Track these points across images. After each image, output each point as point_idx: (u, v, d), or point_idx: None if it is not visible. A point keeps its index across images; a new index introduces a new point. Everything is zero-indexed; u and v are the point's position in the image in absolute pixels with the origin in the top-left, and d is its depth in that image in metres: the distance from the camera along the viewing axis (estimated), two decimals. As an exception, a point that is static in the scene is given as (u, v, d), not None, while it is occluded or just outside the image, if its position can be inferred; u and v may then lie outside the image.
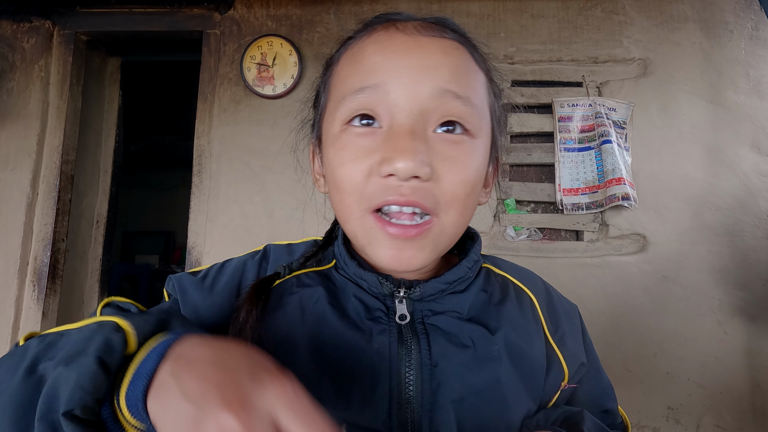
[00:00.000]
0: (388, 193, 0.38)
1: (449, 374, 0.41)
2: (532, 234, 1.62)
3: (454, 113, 0.40)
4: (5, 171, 1.70)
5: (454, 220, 0.41)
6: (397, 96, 0.39)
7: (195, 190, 1.69)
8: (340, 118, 0.41)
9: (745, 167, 1.60)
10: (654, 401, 1.51)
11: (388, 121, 0.39)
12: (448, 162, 0.39)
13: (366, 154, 0.39)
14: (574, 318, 0.52)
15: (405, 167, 0.36)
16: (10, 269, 1.65)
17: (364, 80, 0.40)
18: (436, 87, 0.39)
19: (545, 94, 1.66)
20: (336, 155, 0.41)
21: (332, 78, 0.46)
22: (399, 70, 0.39)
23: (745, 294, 1.53)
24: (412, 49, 0.40)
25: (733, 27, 1.68)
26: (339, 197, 0.42)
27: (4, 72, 1.74)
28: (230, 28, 1.76)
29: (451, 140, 0.40)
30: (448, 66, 0.40)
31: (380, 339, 0.42)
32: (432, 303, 0.45)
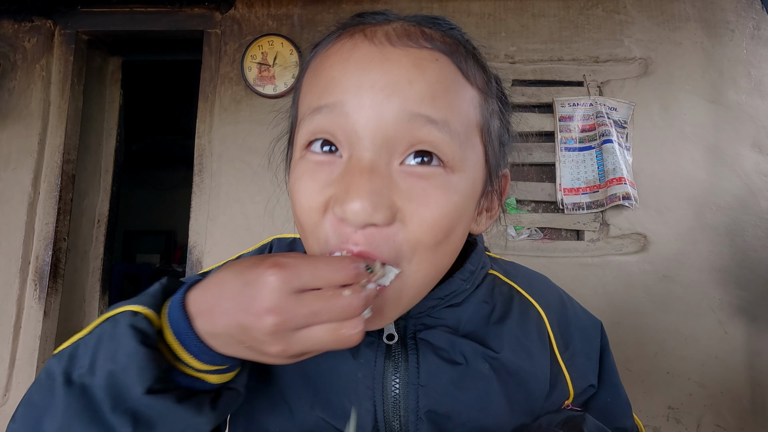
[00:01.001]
0: (341, 241, 0.33)
1: (437, 394, 0.39)
2: (533, 233, 1.62)
3: (427, 141, 0.33)
4: (7, 170, 1.70)
5: (419, 269, 0.34)
6: (357, 119, 0.32)
7: (196, 189, 1.70)
8: (299, 141, 0.36)
9: (746, 167, 1.60)
10: (654, 401, 1.51)
11: (348, 149, 0.33)
12: (415, 203, 0.32)
13: (321, 188, 0.33)
14: (592, 335, 0.47)
15: (356, 214, 0.31)
16: (11, 268, 1.65)
17: (320, 98, 0.34)
18: (404, 110, 0.32)
19: (546, 94, 1.66)
20: (293, 186, 0.36)
21: (300, 91, 0.39)
22: (359, 89, 0.33)
23: (745, 294, 1.53)
24: (376, 63, 0.33)
25: (734, 26, 1.68)
26: (300, 229, 0.37)
27: (6, 71, 1.74)
28: (231, 27, 1.76)
29: (421, 175, 0.33)
30: (422, 83, 0.33)
31: (367, 353, 0.40)
32: (425, 317, 0.42)
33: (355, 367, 0.40)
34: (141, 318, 0.31)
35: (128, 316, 0.31)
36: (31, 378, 1.60)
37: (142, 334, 0.30)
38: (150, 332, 0.31)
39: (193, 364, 0.31)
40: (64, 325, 1.77)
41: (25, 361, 1.62)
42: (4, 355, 1.61)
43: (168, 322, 0.32)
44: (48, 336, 1.66)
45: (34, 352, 1.62)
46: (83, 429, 0.29)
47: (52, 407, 0.30)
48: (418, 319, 0.42)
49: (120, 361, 0.30)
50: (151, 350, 0.30)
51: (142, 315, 0.31)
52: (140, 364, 0.29)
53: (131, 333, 0.30)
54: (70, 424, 0.29)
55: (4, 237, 1.67)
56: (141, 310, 0.32)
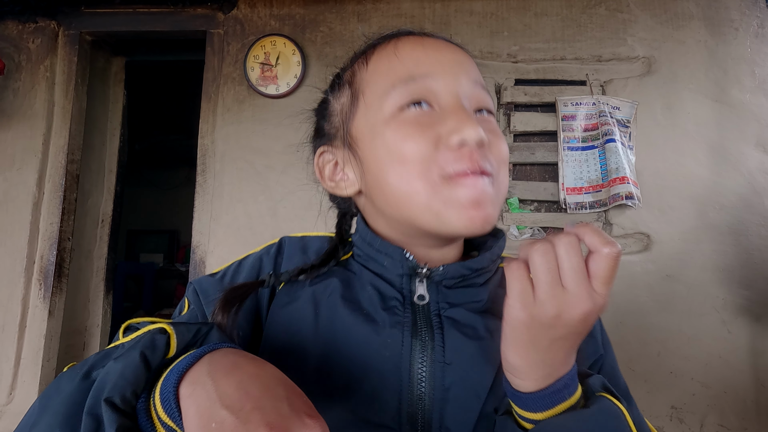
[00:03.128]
0: (462, 162, 0.40)
1: (463, 371, 0.40)
2: (536, 233, 1.61)
3: (484, 102, 0.45)
4: (11, 170, 1.71)
5: (504, 179, 0.44)
6: (444, 83, 0.43)
7: (199, 189, 1.70)
8: (390, 105, 0.43)
9: (750, 166, 1.59)
10: (658, 400, 1.51)
11: (439, 103, 0.43)
12: (491, 133, 0.43)
13: (428, 127, 0.41)
14: None
15: (475, 134, 0.39)
16: (16, 268, 1.66)
17: (411, 71, 0.43)
18: (470, 79, 0.44)
19: (549, 93, 1.66)
20: (396, 132, 0.42)
21: (363, 79, 0.47)
22: (441, 63, 0.44)
23: (749, 293, 1.53)
24: (444, 48, 0.45)
25: (738, 24, 1.67)
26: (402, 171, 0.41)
27: (10, 72, 1.75)
28: (234, 27, 1.77)
29: (487, 118, 0.45)
30: (472, 64, 0.46)
31: (393, 333, 0.42)
32: (449, 294, 0.44)
33: (381, 347, 0.41)
34: (162, 338, 0.33)
35: (157, 331, 0.33)
36: (36, 376, 1.62)
37: (151, 348, 0.32)
38: (157, 352, 0.32)
39: (158, 408, 0.30)
40: (68, 324, 1.79)
41: (30, 360, 1.63)
42: (10, 353, 1.62)
43: (174, 365, 0.32)
44: (53, 335, 1.67)
45: (39, 351, 1.63)
46: (65, 418, 0.30)
47: (64, 389, 0.32)
48: (444, 295, 0.44)
49: (120, 361, 0.31)
50: (142, 367, 0.30)
51: (166, 336, 0.33)
52: (124, 371, 0.30)
53: (144, 344, 0.31)
54: (61, 410, 0.30)
55: (9, 237, 1.68)
56: (170, 331, 0.33)
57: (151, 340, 0.32)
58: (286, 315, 0.44)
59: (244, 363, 0.30)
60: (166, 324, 0.34)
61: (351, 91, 0.48)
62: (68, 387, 0.31)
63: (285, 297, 0.45)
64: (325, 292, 0.45)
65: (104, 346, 2.01)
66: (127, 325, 0.46)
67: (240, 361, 0.30)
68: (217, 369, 0.29)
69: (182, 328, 0.34)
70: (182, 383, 0.30)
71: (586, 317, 0.33)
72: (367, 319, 0.42)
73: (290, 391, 0.29)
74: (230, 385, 0.28)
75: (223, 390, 0.27)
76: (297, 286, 0.46)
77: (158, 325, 0.35)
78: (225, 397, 0.27)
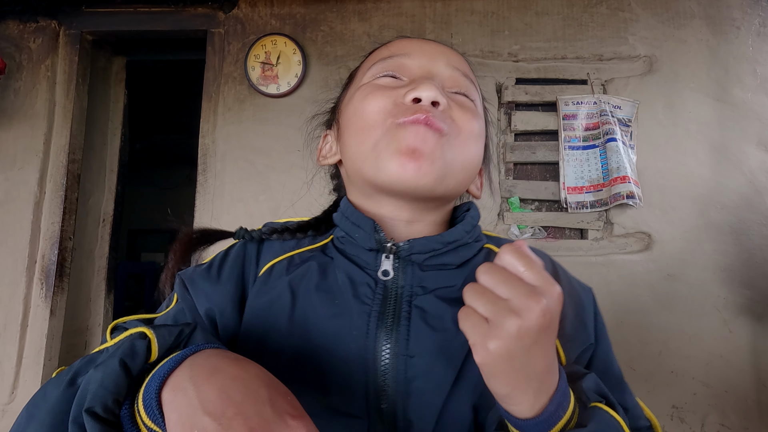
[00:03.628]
0: (412, 112, 0.42)
1: (425, 365, 0.40)
2: (537, 232, 1.61)
3: (463, 86, 0.48)
4: (13, 170, 1.72)
5: (463, 144, 0.45)
6: (419, 61, 0.47)
7: (200, 189, 1.70)
8: (368, 76, 0.48)
9: (751, 165, 1.59)
10: (659, 400, 1.51)
11: (410, 76, 0.46)
12: (459, 105, 0.45)
13: (391, 89, 0.45)
14: (583, 301, 0.50)
15: (428, 93, 0.42)
16: (18, 267, 1.67)
17: (392, 53, 0.48)
18: (449, 64, 0.48)
19: (550, 92, 1.66)
20: (362, 93, 0.47)
21: (358, 70, 0.53)
22: (422, 48, 0.48)
23: (750, 293, 1.53)
24: (431, 43, 0.50)
25: (740, 23, 1.67)
26: (361, 123, 0.45)
27: (11, 72, 1.75)
28: (234, 27, 1.77)
29: (462, 98, 0.47)
30: (457, 57, 0.50)
31: (359, 322, 0.41)
32: (424, 277, 0.44)
33: (348, 337, 0.41)
34: (142, 343, 0.32)
35: (137, 336, 0.33)
36: (38, 376, 1.62)
37: (131, 355, 0.31)
38: (137, 359, 0.31)
39: (142, 414, 0.30)
40: (70, 324, 1.79)
41: (32, 359, 1.63)
42: (12, 353, 1.62)
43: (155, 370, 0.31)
44: (54, 334, 1.68)
45: (40, 351, 1.63)
46: (51, 427, 0.30)
47: (50, 397, 0.31)
48: (419, 278, 0.44)
49: (100, 369, 0.30)
50: (123, 375, 0.30)
51: (146, 341, 0.32)
52: (104, 381, 0.29)
53: (124, 351, 0.31)
54: (47, 419, 0.30)
55: (11, 236, 1.68)
56: (151, 336, 0.33)
57: (131, 347, 0.31)
58: (263, 305, 0.44)
59: (226, 365, 0.30)
60: (146, 328, 0.33)
61: (347, 83, 0.54)
62: (54, 395, 0.31)
63: (262, 287, 0.46)
64: (301, 282, 0.45)
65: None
66: (114, 325, 0.45)
67: (221, 363, 0.30)
68: (198, 373, 0.29)
69: (164, 331, 0.33)
70: (164, 389, 0.29)
71: (543, 313, 0.32)
72: (337, 309, 0.42)
73: (273, 391, 0.29)
74: (212, 390, 0.27)
75: (205, 395, 0.27)
76: (274, 275, 0.46)
77: (139, 329, 0.34)
78: (207, 402, 0.27)
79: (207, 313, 0.45)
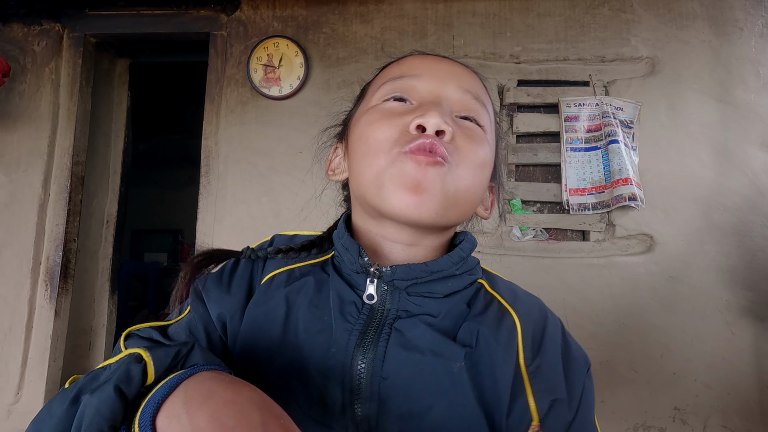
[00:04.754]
0: (414, 138, 0.42)
1: (398, 388, 0.40)
2: (538, 234, 1.61)
3: (473, 109, 0.47)
4: (17, 172, 1.73)
5: (466, 175, 0.44)
6: (429, 84, 0.47)
7: (203, 190, 1.71)
8: (376, 97, 0.49)
9: (754, 166, 1.59)
10: (661, 401, 1.51)
11: (418, 100, 0.46)
12: (466, 134, 0.45)
13: (398, 115, 0.45)
14: (574, 363, 0.47)
15: (434, 121, 0.42)
16: (23, 269, 1.68)
17: (403, 73, 0.48)
18: (460, 86, 0.47)
19: (551, 94, 1.66)
20: (368, 118, 0.47)
21: (369, 87, 0.53)
22: (432, 69, 0.48)
23: (753, 294, 1.52)
24: (443, 61, 0.50)
25: (743, 24, 1.66)
26: (365, 148, 0.45)
27: (16, 74, 1.76)
28: (237, 29, 1.77)
29: (469, 125, 0.47)
30: (469, 77, 0.49)
31: (339, 341, 0.42)
32: (409, 302, 0.44)
33: (328, 354, 0.42)
34: (138, 368, 0.32)
35: (133, 359, 0.32)
36: (42, 376, 1.63)
37: (126, 380, 0.31)
38: (132, 385, 0.31)
39: None
40: (74, 325, 1.80)
41: (37, 360, 1.64)
42: (17, 354, 1.64)
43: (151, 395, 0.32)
44: (59, 335, 1.69)
45: (45, 351, 1.65)
46: None
47: (54, 414, 0.31)
48: (403, 302, 0.44)
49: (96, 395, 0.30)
50: (118, 401, 0.30)
51: (142, 364, 0.32)
52: (99, 408, 0.29)
53: (119, 377, 0.31)
54: None
55: (16, 238, 1.70)
56: (147, 359, 0.32)
57: (126, 372, 0.31)
58: (260, 314, 0.45)
59: (220, 389, 0.30)
60: (143, 350, 0.33)
61: (359, 99, 0.55)
62: (58, 411, 0.31)
63: (261, 296, 0.47)
64: (297, 295, 0.46)
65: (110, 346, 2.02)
66: (128, 332, 0.46)
67: (215, 387, 0.30)
68: (191, 398, 0.29)
69: (160, 352, 0.33)
70: (159, 415, 0.30)
71: None
72: (323, 326, 0.43)
73: (266, 414, 0.29)
74: (204, 417, 0.28)
75: (197, 423, 0.28)
76: (274, 286, 0.47)
77: (136, 351, 0.34)
78: (199, 430, 0.27)
79: (218, 317, 0.47)
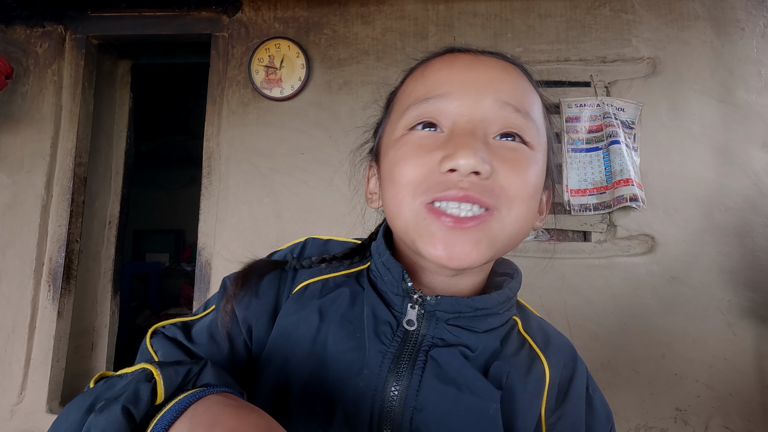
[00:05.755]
0: (447, 186, 0.38)
1: (431, 422, 0.38)
2: (540, 235, 1.61)
3: (514, 125, 0.41)
4: (20, 174, 1.74)
5: (516, 217, 0.40)
6: (460, 104, 0.41)
7: (204, 191, 1.72)
8: (402, 124, 0.43)
9: (756, 167, 1.58)
10: (662, 402, 1.51)
11: (449, 126, 0.41)
12: (508, 163, 0.39)
13: (427, 152, 0.40)
14: (595, 417, 0.46)
15: (466, 162, 0.37)
16: (26, 270, 1.69)
17: (430, 91, 0.42)
18: (498, 99, 0.41)
19: (553, 95, 1.66)
20: (396, 154, 0.42)
21: (396, 98, 0.48)
22: (464, 82, 0.41)
23: (755, 295, 1.52)
24: (475, 65, 0.42)
25: (744, 25, 1.66)
26: (394, 192, 0.41)
27: (19, 76, 1.77)
28: (238, 30, 1.78)
29: (511, 147, 0.41)
30: (509, 82, 0.42)
31: (372, 363, 0.40)
32: (447, 330, 0.42)
33: (359, 376, 0.40)
34: (147, 387, 0.31)
35: (144, 377, 0.32)
36: (45, 377, 1.64)
37: (135, 401, 0.31)
38: (140, 406, 0.31)
39: None
40: (77, 325, 1.81)
41: (40, 360, 1.65)
42: (20, 354, 1.64)
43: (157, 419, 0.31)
44: (62, 336, 1.70)
45: (48, 352, 1.65)
46: None
47: (71, 421, 0.31)
48: (441, 330, 0.42)
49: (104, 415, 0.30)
50: (125, 423, 0.30)
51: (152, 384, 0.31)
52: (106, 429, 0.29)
53: (127, 397, 0.31)
54: None
55: (19, 239, 1.70)
56: (158, 378, 0.32)
57: (135, 392, 0.31)
58: (292, 322, 0.44)
59: (226, 417, 0.29)
60: (154, 368, 0.32)
61: (387, 110, 0.50)
62: (74, 418, 0.31)
63: (293, 305, 0.46)
64: (330, 307, 0.44)
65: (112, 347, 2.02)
66: (154, 329, 0.46)
67: (221, 414, 0.30)
68: (197, 425, 0.29)
69: (170, 371, 0.32)
70: None
71: None
72: (355, 343, 0.42)
73: None
74: None
75: None
76: (307, 296, 0.46)
77: (147, 366, 0.33)
78: None
79: (244, 320, 0.46)
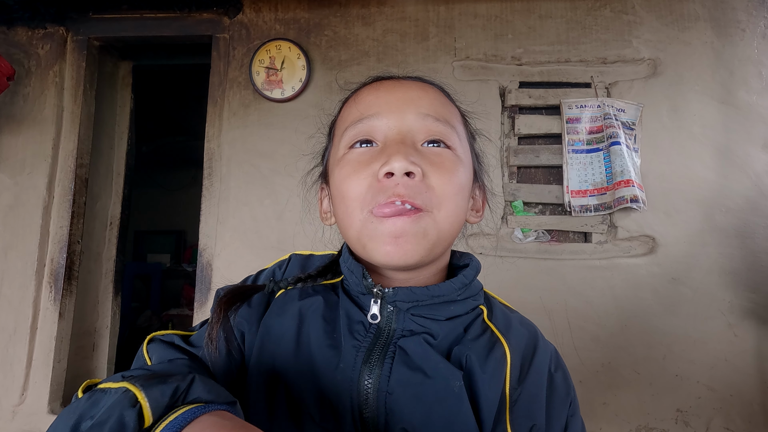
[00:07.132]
0: (386, 193, 0.43)
1: (402, 404, 0.42)
2: (540, 236, 1.62)
3: (436, 132, 0.47)
4: (22, 175, 1.74)
5: (446, 216, 0.45)
6: (388, 120, 0.47)
7: (206, 192, 1.72)
8: (343, 144, 0.49)
9: (756, 168, 1.58)
10: (663, 403, 1.50)
11: (382, 139, 0.47)
12: (436, 166, 0.46)
13: (366, 165, 0.46)
14: (555, 394, 0.48)
15: (399, 165, 0.43)
16: (27, 271, 1.69)
17: (362, 113, 0.49)
18: (419, 113, 0.47)
19: (553, 96, 1.66)
20: (341, 172, 0.48)
21: (336, 125, 0.55)
22: (389, 102, 0.48)
23: (755, 296, 1.52)
24: (398, 88, 0.50)
25: (745, 25, 1.66)
26: (344, 207, 0.47)
27: (20, 78, 1.78)
28: (239, 32, 1.78)
29: (436, 152, 0.47)
30: (427, 98, 0.49)
31: (347, 357, 0.44)
32: (413, 321, 0.46)
33: (337, 370, 0.43)
34: (132, 414, 0.31)
35: (128, 403, 0.31)
36: (47, 378, 1.65)
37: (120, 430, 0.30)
38: None
39: None
40: (78, 326, 1.81)
41: (41, 361, 1.66)
42: (21, 355, 1.65)
43: None
44: (63, 337, 1.70)
45: (50, 353, 1.66)
46: None
47: None
48: (406, 322, 0.46)
49: None
50: None
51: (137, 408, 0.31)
52: None
53: (112, 426, 0.30)
54: None
55: (21, 240, 1.71)
56: (143, 402, 0.31)
57: (119, 420, 0.30)
58: (275, 326, 0.47)
59: None
60: (138, 390, 0.32)
61: (330, 136, 0.56)
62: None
63: (276, 308, 0.49)
64: (309, 309, 0.48)
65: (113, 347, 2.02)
66: (151, 337, 0.48)
67: None
68: None
69: (156, 393, 0.32)
70: None
71: None
72: (332, 341, 0.45)
73: None
74: None
75: None
76: (288, 299, 0.50)
77: (129, 387, 0.32)
78: None
79: (238, 326, 0.49)
